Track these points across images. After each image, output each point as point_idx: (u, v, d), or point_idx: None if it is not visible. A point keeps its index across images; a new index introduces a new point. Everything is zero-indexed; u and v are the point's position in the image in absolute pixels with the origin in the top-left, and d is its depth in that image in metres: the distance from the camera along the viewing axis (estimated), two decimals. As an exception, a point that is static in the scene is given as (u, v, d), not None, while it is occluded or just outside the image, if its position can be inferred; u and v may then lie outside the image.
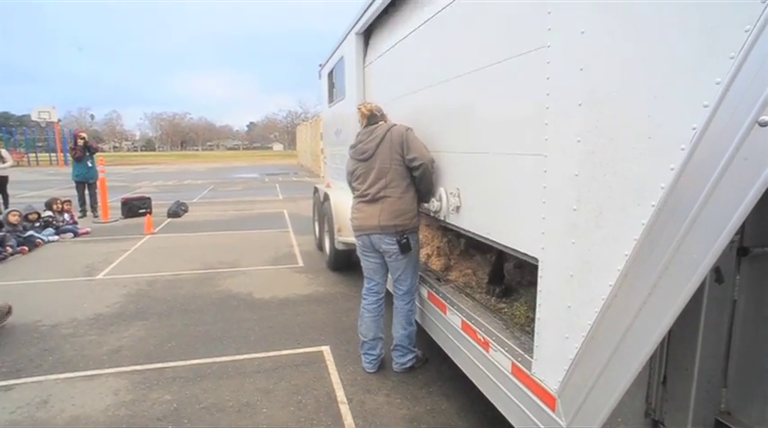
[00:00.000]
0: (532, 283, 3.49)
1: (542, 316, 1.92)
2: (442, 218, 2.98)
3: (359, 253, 3.38)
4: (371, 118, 3.23)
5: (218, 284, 5.64)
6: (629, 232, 1.43)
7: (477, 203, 2.54)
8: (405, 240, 3.10)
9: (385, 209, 3.08)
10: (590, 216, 1.59)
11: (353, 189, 3.29)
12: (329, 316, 4.58)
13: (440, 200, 2.98)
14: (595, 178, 1.56)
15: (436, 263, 3.89)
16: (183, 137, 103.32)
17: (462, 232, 2.80)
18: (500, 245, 2.33)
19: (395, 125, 3.15)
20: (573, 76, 1.62)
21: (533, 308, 2.62)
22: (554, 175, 1.77)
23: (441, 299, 3.02)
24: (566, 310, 1.74)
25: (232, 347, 3.88)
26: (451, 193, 2.83)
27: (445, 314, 2.94)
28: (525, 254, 2.06)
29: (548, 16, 1.75)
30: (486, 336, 2.42)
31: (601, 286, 1.55)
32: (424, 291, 3.33)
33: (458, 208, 2.76)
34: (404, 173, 3.08)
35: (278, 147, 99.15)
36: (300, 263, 6.64)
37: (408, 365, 3.42)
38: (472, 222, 2.62)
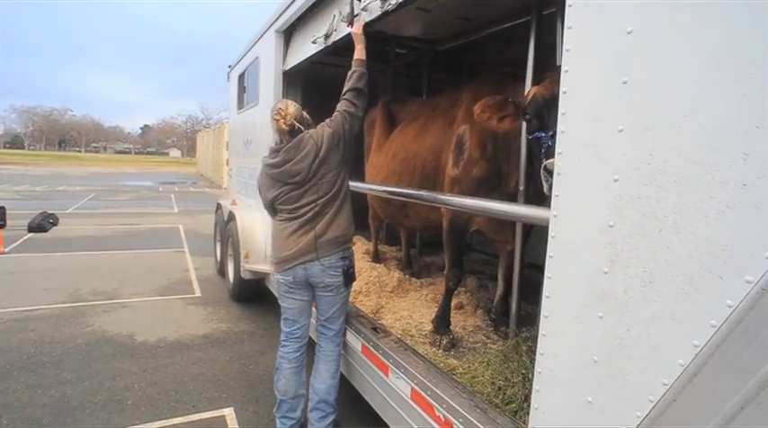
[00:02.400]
0: (480, 329, 3.20)
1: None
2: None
3: (282, 291, 2.67)
4: (293, 132, 2.53)
5: (88, 323, 4.50)
6: (702, 313, 1.00)
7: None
8: (351, 269, 2.60)
9: (323, 228, 2.50)
10: (632, 283, 1.15)
11: (277, 211, 2.61)
12: (233, 365, 3.77)
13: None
14: (644, 233, 1.12)
15: (366, 304, 3.33)
16: (61, 135, 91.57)
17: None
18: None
19: (317, 129, 2.58)
20: (611, 92, 1.18)
21: (498, 372, 2.18)
22: (570, 224, 1.31)
23: (381, 357, 2.45)
24: (586, 407, 1.28)
25: (99, 419, 2.93)
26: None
27: (388, 377, 2.37)
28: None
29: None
30: (447, 415, 1.90)
31: (646, 382, 1.11)
32: (357, 343, 2.74)
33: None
34: (343, 174, 2.58)
35: (175, 153, 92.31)
36: (197, 293, 5.66)
37: None
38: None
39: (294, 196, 2.50)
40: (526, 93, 2.02)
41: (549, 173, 1.56)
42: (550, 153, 1.70)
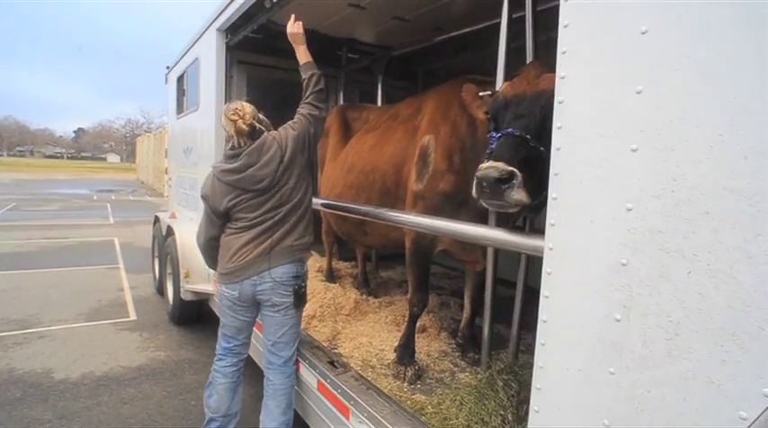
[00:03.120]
0: (445, 355, 2.93)
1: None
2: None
3: (225, 305, 2.39)
4: (253, 133, 2.27)
5: (-4, 359, 3.89)
6: (751, 378, 0.81)
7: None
8: (303, 289, 2.39)
9: (280, 236, 2.28)
10: (653, 335, 0.95)
11: (231, 219, 2.33)
12: (171, 402, 3.34)
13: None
14: (668, 275, 0.92)
15: (322, 330, 3.03)
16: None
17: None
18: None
19: (280, 131, 2.38)
20: (621, 103, 0.98)
21: (473, 412, 1.96)
22: (570, 259, 1.10)
23: (340, 397, 2.17)
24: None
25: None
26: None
27: (348, 419, 2.09)
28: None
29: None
30: (419, 470, 1.65)
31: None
32: (312, 379, 2.44)
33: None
34: (308, 181, 2.38)
35: (114, 158, 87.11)
36: (132, 316, 5.11)
37: None
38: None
39: (255, 204, 2.24)
40: (498, 89, 1.83)
41: (480, 180, 1.40)
42: (491, 155, 1.53)
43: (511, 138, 1.54)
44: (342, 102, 4.68)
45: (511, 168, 1.41)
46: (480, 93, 1.86)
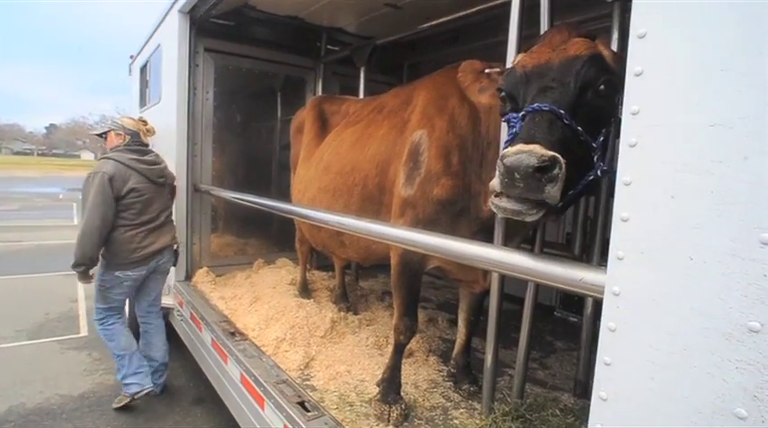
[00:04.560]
0: (435, 385, 2.42)
1: None
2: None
3: (127, 287, 3.09)
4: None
5: None
6: None
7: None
8: (177, 246, 3.36)
9: (170, 225, 3.29)
10: None
11: (122, 207, 2.90)
12: (117, 439, 2.87)
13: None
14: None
15: (292, 358, 2.61)
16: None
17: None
18: None
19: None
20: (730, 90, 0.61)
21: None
22: (650, 310, 0.72)
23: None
24: None
25: None
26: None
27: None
28: None
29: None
30: None
31: None
32: (278, 422, 2.02)
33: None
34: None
35: (87, 155, 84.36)
36: (83, 332, 4.58)
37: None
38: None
39: (149, 197, 2.99)
40: (513, 60, 1.46)
41: (510, 170, 1.04)
42: (518, 139, 1.16)
43: (542, 113, 1.18)
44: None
45: (552, 153, 1.06)
46: (486, 70, 1.49)
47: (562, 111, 1.18)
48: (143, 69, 5.17)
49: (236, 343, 2.72)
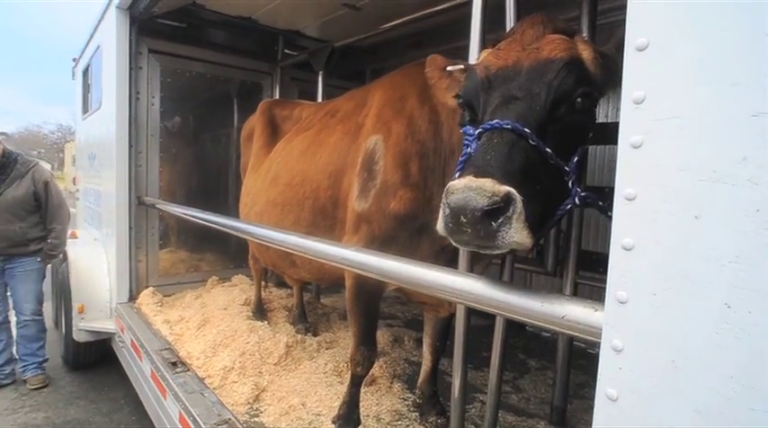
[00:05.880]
0: (400, 417, 2.30)
1: None
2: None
3: None
4: None
5: None
6: None
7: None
8: None
9: None
10: None
11: None
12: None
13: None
14: None
15: (239, 390, 2.33)
16: None
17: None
18: None
19: None
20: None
21: None
22: (659, 358, 0.52)
23: None
24: None
25: None
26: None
27: None
28: None
29: None
30: None
31: None
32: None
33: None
34: None
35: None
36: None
37: None
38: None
39: None
40: (477, 58, 1.26)
41: (455, 213, 0.86)
42: (469, 164, 0.96)
43: (501, 133, 0.96)
44: (276, 102, 4.00)
45: (506, 189, 0.84)
46: (449, 67, 1.28)
47: (527, 130, 0.96)
48: (85, 73, 4.79)
49: (176, 375, 2.41)
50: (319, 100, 3.63)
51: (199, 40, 3.89)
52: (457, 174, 1.00)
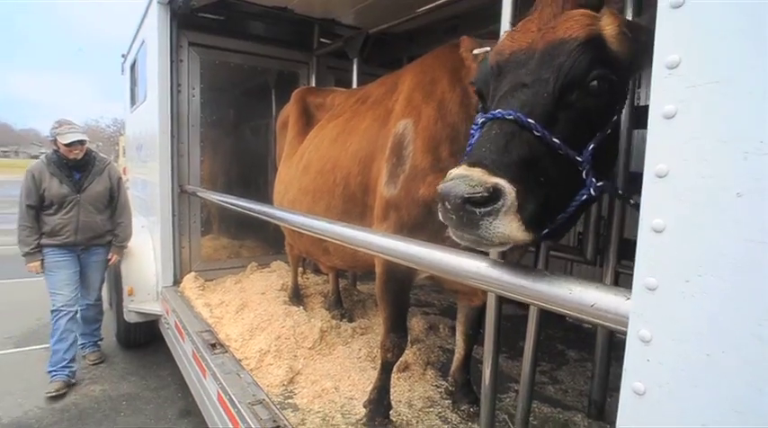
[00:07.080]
0: (432, 403, 2.27)
1: None
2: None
3: None
4: None
5: None
6: None
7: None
8: None
9: None
10: None
11: None
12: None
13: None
14: None
15: (275, 372, 2.38)
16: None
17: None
18: None
19: None
20: None
21: None
22: (687, 366, 0.47)
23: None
24: None
25: None
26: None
27: None
28: None
29: None
30: None
31: None
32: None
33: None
34: None
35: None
36: (73, 339, 4.40)
37: None
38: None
39: None
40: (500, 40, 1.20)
41: (440, 198, 0.86)
42: (468, 154, 0.92)
43: (501, 124, 0.91)
44: (311, 91, 4.02)
45: (494, 180, 0.80)
46: (475, 51, 1.22)
47: (530, 121, 0.89)
48: (132, 68, 4.99)
49: (215, 356, 2.51)
50: (354, 87, 3.62)
51: (236, 32, 3.96)
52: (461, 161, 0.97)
